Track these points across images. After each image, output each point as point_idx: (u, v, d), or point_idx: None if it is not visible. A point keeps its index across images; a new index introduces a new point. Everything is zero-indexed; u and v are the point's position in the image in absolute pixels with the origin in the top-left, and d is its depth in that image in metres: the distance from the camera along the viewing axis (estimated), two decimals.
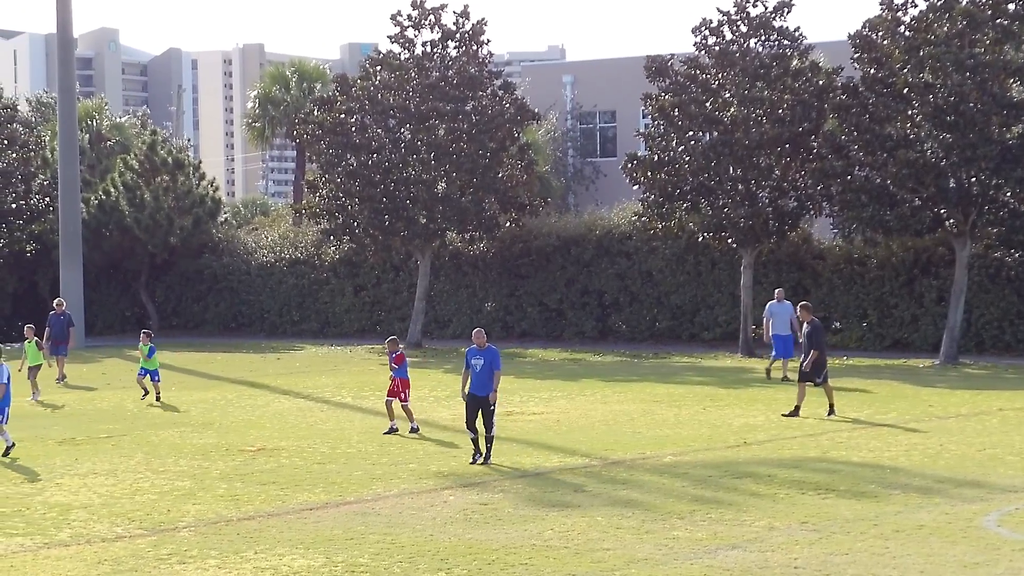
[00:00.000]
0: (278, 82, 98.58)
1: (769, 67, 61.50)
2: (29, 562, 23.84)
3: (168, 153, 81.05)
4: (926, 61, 57.11)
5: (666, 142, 62.88)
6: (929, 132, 57.32)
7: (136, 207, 77.82)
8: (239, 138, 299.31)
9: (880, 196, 58.24)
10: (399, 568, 22.88)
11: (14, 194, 78.97)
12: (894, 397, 45.81)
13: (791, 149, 61.28)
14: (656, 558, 23.41)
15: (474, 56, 69.16)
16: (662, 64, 63.28)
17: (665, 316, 67.18)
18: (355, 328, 74.50)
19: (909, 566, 22.62)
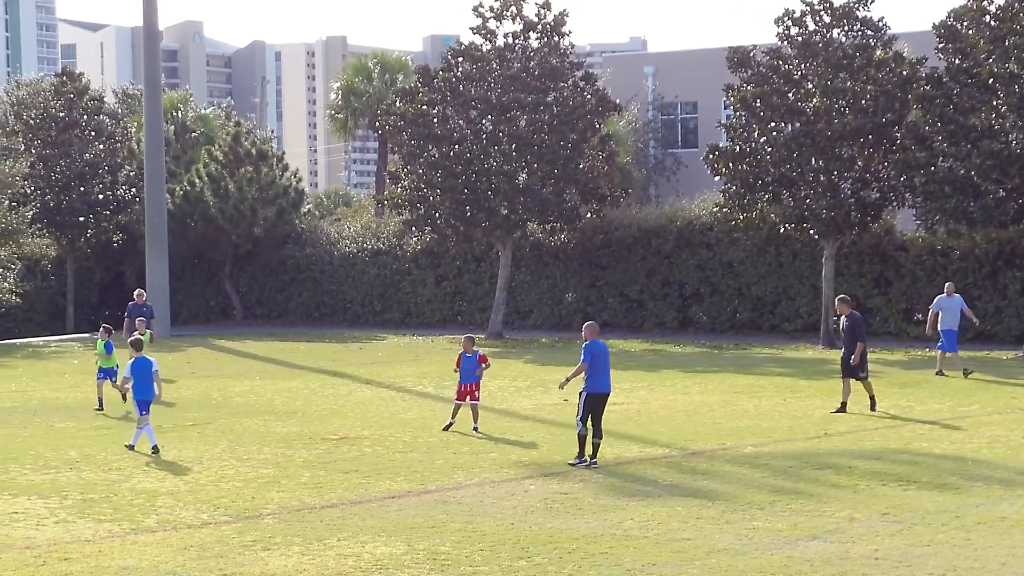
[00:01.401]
0: (361, 74, 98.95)
1: (852, 57, 61.26)
2: (117, 547, 24.04)
3: (252, 144, 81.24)
4: (1011, 51, 56.87)
5: (748, 133, 62.73)
6: (1014, 123, 57.08)
7: (220, 198, 78.10)
8: (322, 129, 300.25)
9: (964, 187, 58.01)
10: (480, 556, 22.97)
11: (101, 185, 79.40)
12: (977, 389, 45.62)
13: (874, 140, 61.09)
14: (736, 548, 23.44)
15: (556, 47, 69.16)
16: (744, 55, 63.14)
17: (746, 307, 67.07)
18: (436, 318, 74.61)
19: (991, 558, 22.57)
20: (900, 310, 63.67)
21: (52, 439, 36.79)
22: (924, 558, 22.53)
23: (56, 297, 79.16)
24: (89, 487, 29.42)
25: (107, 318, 76.59)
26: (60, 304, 78.99)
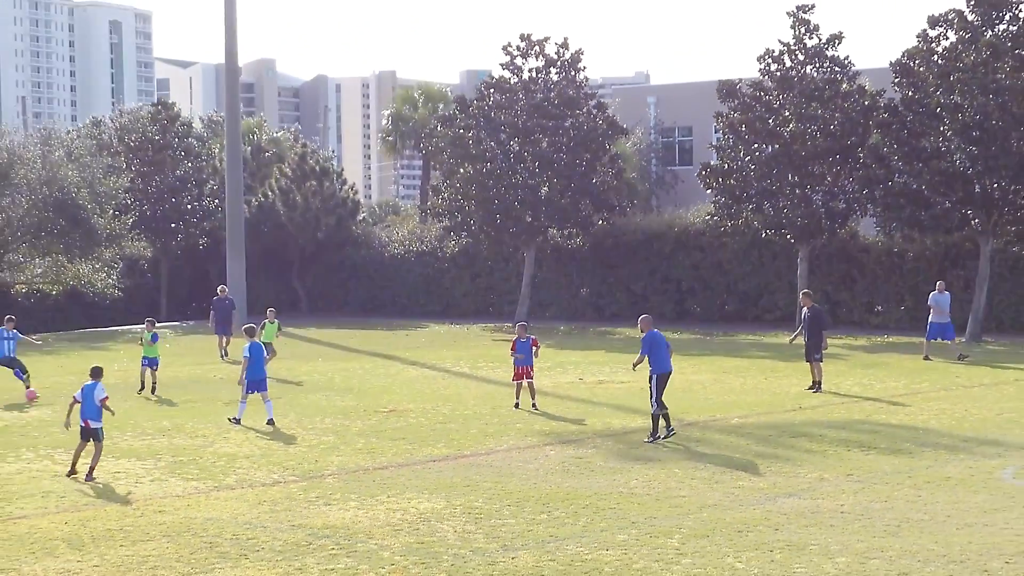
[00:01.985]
0: (407, 103, 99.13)
1: (822, 90, 61.23)
2: (202, 501, 24.14)
3: (316, 163, 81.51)
4: (956, 85, 56.84)
5: (734, 153, 62.78)
6: (958, 145, 56.99)
7: (289, 208, 78.36)
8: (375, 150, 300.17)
9: (916, 199, 58.01)
10: (508, 511, 23.01)
11: (189, 197, 79.58)
12: (927, 370, 45.58)
13: (840, 159, 61.09)
14: (724, 504, 23.47)
15: (572, 80, 69.22)
16: (731, 87, 63.17)
17: (733, 300, 67.01)
18: (471, 310, 74.59)
19: (938, 511, 22.58)
20: (863, 303, 63.65)
21: (148, 411, 36.93)
22: (882, 511, 22.54)
23: (152, 291, 79.32)
24: (179, 451, 29.53)
25: (194, 310, 77.22)
26: (155, 297, 79.16)
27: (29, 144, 74.65)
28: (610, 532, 21.35)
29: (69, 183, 69.63)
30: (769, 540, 20.65)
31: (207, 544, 20.80)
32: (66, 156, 73.43)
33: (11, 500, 24.73)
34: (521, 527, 21.80)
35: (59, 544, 21.06)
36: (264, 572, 19.08)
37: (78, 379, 41.86)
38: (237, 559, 19.85)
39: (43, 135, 77.09)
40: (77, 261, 72.89)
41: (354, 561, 19.59)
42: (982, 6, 57.39)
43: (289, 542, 20.82)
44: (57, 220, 69.29)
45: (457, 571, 19.02)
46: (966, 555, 19.56)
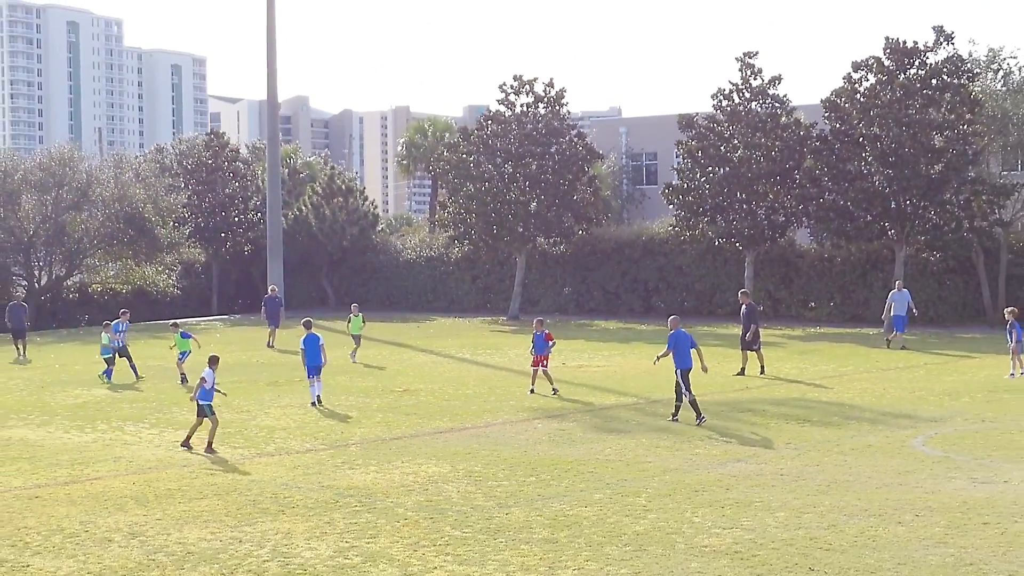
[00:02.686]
0: (419, 132, 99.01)
1: (765, 122, 61.24)
2: (246, 466, 24.14)
3: (342, 183, 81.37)
4: (875, 119, 56.97)
5: (692, 175, 62.77)
6: (877, 169, 57.10)
7: (320, 220, 78.27)
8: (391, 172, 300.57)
9: (843, 214, 58.13)
10: (503, 474, 23.00)
11: (236, 211, 79.51)
12: (852, 355, 45.59)
13: (780, 180, 61.09)
14: (684, 468, 23.45)
15: (557, 114, 69.13)
16: (690, 120, 63.18)
17: (691, 298, 66.94)
18: (472, 305, 74.50)
19: (861, 473, 22.58)
20: (799, 300, 63.62)
21: None
22: (814, 474, 22.54)
23: (204, 290, 79.21)
24: (226, 424, 29.46)
25: (240, 305, 77.14)
26: (207, 295, 79.04)
27: (104, 167, 75.01)
28: (588, 492, 21.34)
29: (137, 200, 69.89)
30: (721, 498, 20.64)
31: (251, 501, 20.80)
32: (134, 177, 73.63)
33: (88, 464, 24.72)
34: (513, 487, 21.79)
35: (128, 501, 21.06)
36: (298, 525, 19.07)
37: (143, 363, 41.91)
38: (276, 514, 19.85)
39: (115, 160, 77.23)
40: (143, 264, 73.44)
41: (373, 516, 19.59)
42: (896, 54, 57.57)
43: (319, 500, 20.81)
44: (127, 230, 69.76)
45: (460, 524, 19.01)
46: (884, 510, 19.57)
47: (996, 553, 16.98)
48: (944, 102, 56.79)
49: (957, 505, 19.90)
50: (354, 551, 17.51)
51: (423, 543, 17.90)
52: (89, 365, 43.42)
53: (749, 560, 16.81)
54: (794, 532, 18.27)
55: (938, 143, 56.39)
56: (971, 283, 59.41)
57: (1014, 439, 26.43)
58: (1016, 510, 19.50)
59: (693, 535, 18.19)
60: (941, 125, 56.33)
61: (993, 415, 30.10)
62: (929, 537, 17.87)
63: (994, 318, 56.90)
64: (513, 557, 17.11)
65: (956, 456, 24.38)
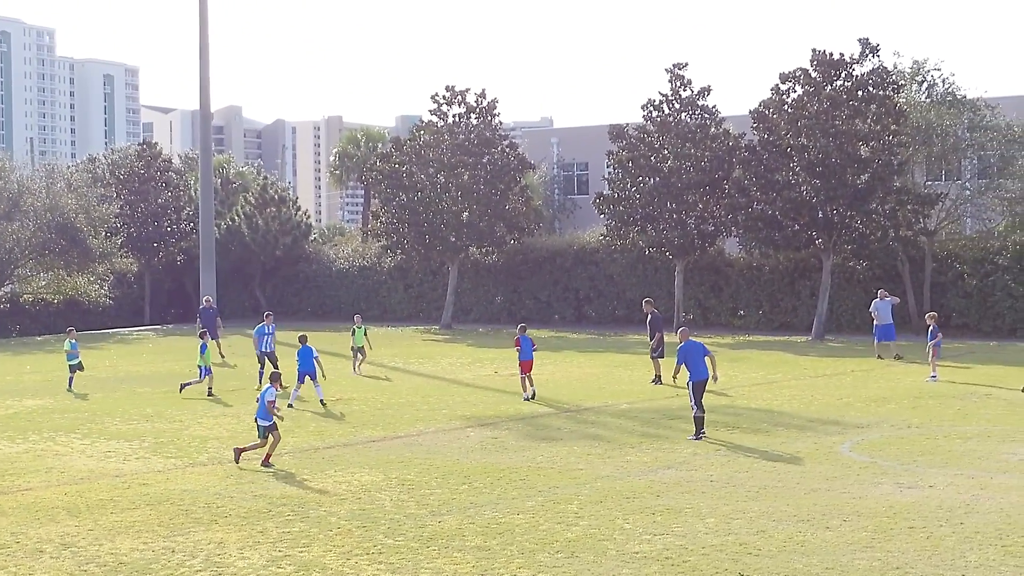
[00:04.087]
0: (351, 142, 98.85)
1: (695, 132, 61.52)
2: (179, 475, 23.98)
3: (275, 192, 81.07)
4: (803, 130, 57.26)
5: (623, 184, 62.93)
6: (805, 179, 57.40)
7: (252, 230, 77.94)
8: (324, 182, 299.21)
9: (771, 223, 58.42)
10: (435, 482, 22.97)
11: (168, 221, 79.05)
12: (780, 363, 45.85)
13: (710, 190, 61.36)
14: (615, 475, 23.51)
15: (489, 124, 69.15)
16: (620, 130, 63.39)
17: (622, 306, 67.10)
18: (405, 314, 74.39)
19: (789, 480, 22.72)
20: (728, 308, 63.93)
21: (134, 400, 36.62)
22: (744, 480, 22.66)
23: (137, 300, 78.66)
24: (160, 434, 29.31)
25: (172, 315, 76.63)
26: (139, 305, 78.51)
27: (36, 177, 74.61)
28: (520, 499, 21.35)
29: (69, 210, 69.33)
30: (652, 505, 20.70)
31: (183, 511, 20.66)
32: (66, 187, 73.11)
33: (19, 475, 24.49)
34: (446, 496, 21.76)
35: (60, 512, 20.87)
36: (231, 534, 18.96)
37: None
38: (209, 523, 19.73)
39: (47, 170, 76.77)
40: (75, 275, 72.76)
41: (307, 525, 19.51)
42: (823, 65, 57.92)
43: (252, 509, 20.71)
44: (58, 241, 69.17)
45: (393, 532, 18.97)
46: (812, 515, 19.69)
47: (922, 557, 17.13)
48: (870, 113, 57.26)
49: (884, 510, 20.05)
50: (287, 560, 17.44)
51: (356, 552, 17.85)
52: (21, 376, 42.97)
53: (680, 566, 16.87)
54: (724, 538, 18.35)
55: (864, 153, 56.86)
56: (896, 291, 59.77)
57: (939, 444, 26.68)
58: (941, 514, 19.68)
59: (624, 541, 18.23)
60: (867, 136, 56.81)
61: (919, 421, 30.36)
62: (856, 542, 18.00)
63: (919, 325, 57.38)
64: (446, 565, 17.09)
65: (883, 461, 24.57)
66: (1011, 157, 58.91)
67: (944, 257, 59.18)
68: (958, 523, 19.10)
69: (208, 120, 73.28)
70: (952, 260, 58.91)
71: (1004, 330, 56.34)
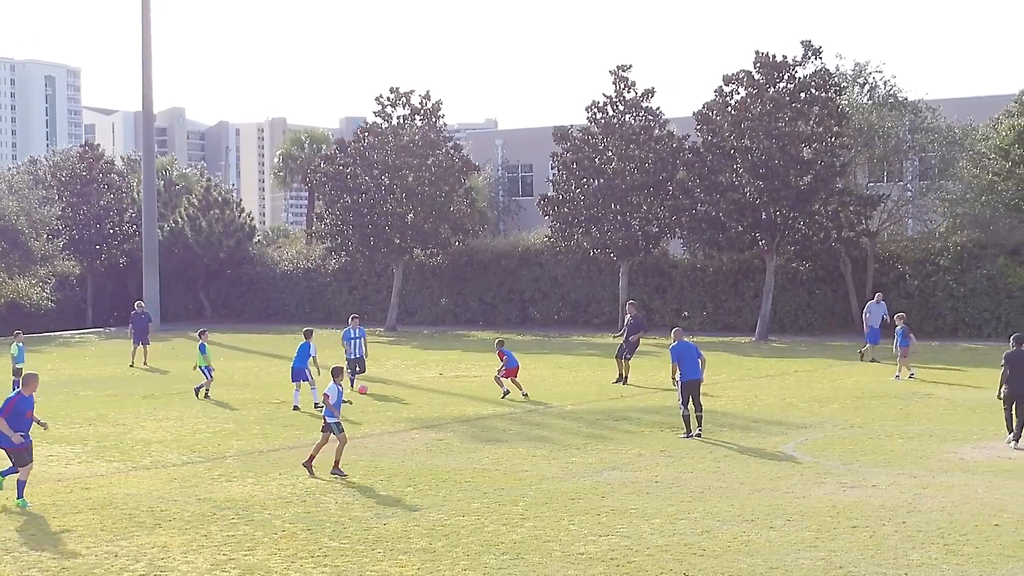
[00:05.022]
0: (296, 144, 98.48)
1: (639, 134, 61.73)
2: (122, 480, 23.80)
3: (218, 195, 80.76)
4: (746, 132, 57.55)
5: (567, 186, 63.08)
6: (748, 181, 57.70)
7: (196, 232, 77.57)
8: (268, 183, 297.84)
9: (715, 224, 58.69)
10: (380, 485, 22.92)
11: (111, 223, 78.60)
12: (724, 364, 45.99)
13: (654, 192, 61.55)
14: (560, 476, 23.52)
15: (433, 126, 69.14)
16: (564, 132, 63.54)
17: (567, 308, 67.26)
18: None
19: (734, 480, 22.81)
20: (672, 309, 64.13)
21: (76, 403, 36.33)
22: (689, 480, 22.73)
23: (79, 303, 78.21)
24: (102, 437, 29.11)
25: (115, 319, 76.12)
26: (82, 308, 78.07)
27: None
28: (465, 501, 21.32)
29: (9, 212, 68.89)
30: (597, 506, 20.73)
31: (126, 515, 20.52)
32: (7, 189, 72.63)
33: None
34: (391, 498, 21.72)
35: (0, 516, 20.66)
36: (175, 538, 18.84)
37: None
38: (152, 528, 19.60)
39: None
40: (16, 277, 72.16)
41: (251, 528, 19.42)
42: (766, 68, 58.24)
43: (196, 513, 20.58)
44: None
45: (338, 535, 18.91)
46: (756, 515, 19.78)
47: (865, 556, 17.23)
48: (812, 115, 57.59)
49: (827, 509, 20.16)
50: (231, 564, 17.35)
51: (301, 555, 17.77)
52: None
53: (625, 567, 16.90)
54: (669, 538, 18.40)
55: (807, 155, 57.19)
56: (839, 292, 60.30)
57: (881, 444, 26.86)
58: (884, 514, 19.81)
59: (570, 543, 18.24)
60: (810, 138, 57.13)
61: (861, 421, 30.56)
62: (800, 541, 18.09)
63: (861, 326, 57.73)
64: (391, 568, 17.05)
65: (826, 461, 24.71)
66: (952, 159, 59.41)
67: (886, 258, 59.63)
68: (900, 522, 19.23)
69: (151, 122, 72.96)
70: (894, 261, 59.37)
71: (945, 330, 56.80)
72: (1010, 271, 55.83)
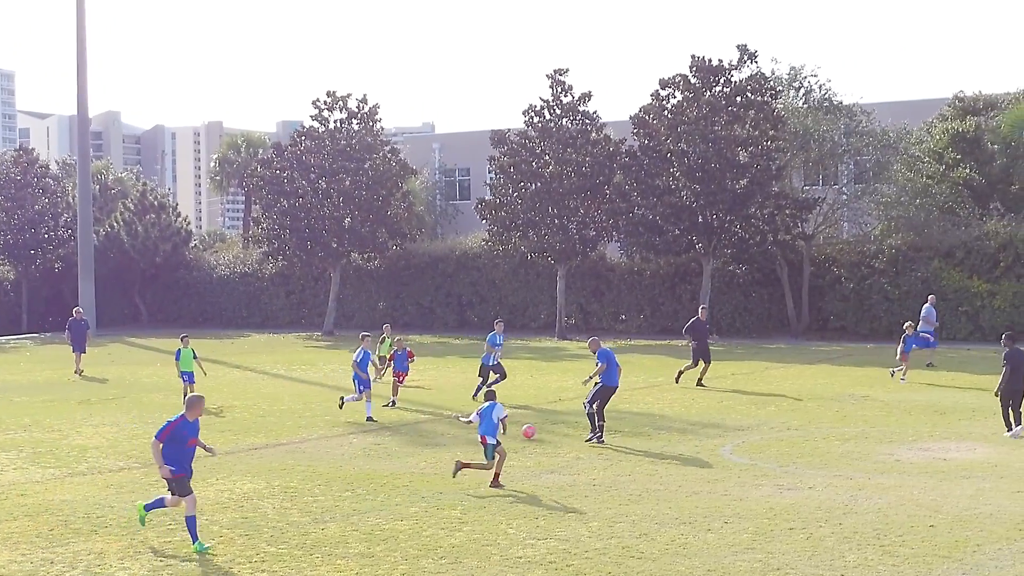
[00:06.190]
0: (232, 148, 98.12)
1: (576, 138, 61.82)
2: (58, 485, 23.60)
3: (154, 199, 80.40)
4: (682, 135, 57.84)
5: (504, 190, 63.06)
6: (685, 184, 57.97)
7: (132, 236, 77.16)
8: (205, 187, 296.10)
9: (652, 228, 58.91)
10: (319, 489, 22.84)
11: (46, 228, 78.12)
12: (661, 367, 46.11)
13: (591, 195, 61.67)
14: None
15: (370, 129, 69.07)
16: (502, 135, 63.52)
17: (504, 311, 67.25)
18: (286, 321, 74.04)
19: (671, 483, 22.89)
20: (610, 312, 64.33)
21: (11, 409, 36.00)
22: (626, 483, 22.79)
23: (14, 308, 77.66)
24: (38, 443, 28.86)
25: (50, 323, 75.50)
26: (17, 313, 77.51)
27: None
28: (404, 506, 21.29)
29: None
30: (535, 509, 20.75)
31: (63, 522, 20.35)
32: None
33: None
34: (329, 503, 21.65)
35: None
36: (112, 544, 18.71)
37: None
38: (89, 534, 19.45)
39: None
40: None
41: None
42: (702, 72, 58.54)
43: (133, 519, 20.43)
44: None
45: (276, 541, 18.84)
46: (694, 517, 19.85)
47: (802, 557, 17.33)
48: (748, 119, 57.93)
49: (764, 511, 20.27)
50: (168, 570, 17.25)
51: (239, 560, 17.69)
52: None
53: (564, 570, 16.92)
54: (607, 541, 18.44)
55: (743, 159, 57.54)
56: (776, 295, 60.65)
57: (818, 446, 27.03)
58: (820, 515, 19.93)
59: (508, 547, 18.25)
60: (746, 141, 57.47)
61: (798, 423, 30.75)
62: (738, 543, 18.18)
63: (797, 328, 58.29)
64: (329, 573, 17.00)
65: (763, 464, 24.85)
66: (886, 162, 59.93)
67: (822, 261, 60.03)
68: (837, 523, 19.36)
69: (86, 125, 72.46)
70: (830, 264, 59.79)
71: (881, 332, 57.21)
72: (944, 273, 56.33)
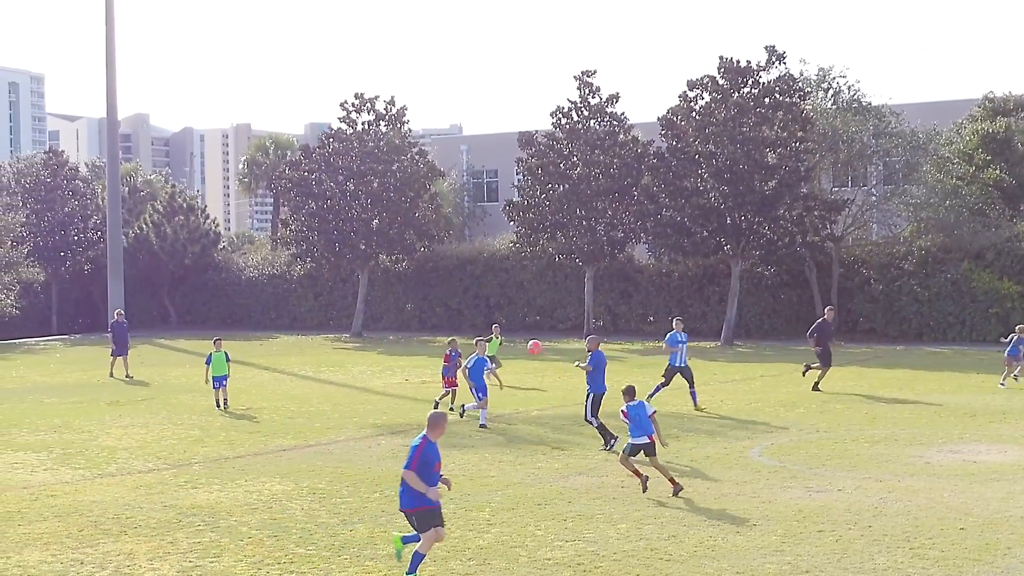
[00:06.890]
0: (260, 150, 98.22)
1: (604, 140, 61.83)
2: (88, 487, 23.66)
3: (183, 201, 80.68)
4: (710, 137, 57.75)
5: (532, 192, 63.12)
6: (713, 186, 57.87)
7: (161, 238, 77.44)
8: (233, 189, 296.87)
9: (680, 229, 58.80)
10: (347, 491, 22.84)
11: (75, 230, 78.46)
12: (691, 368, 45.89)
13: (619, 197, 61.68)
14: (527, 482, 23.49)
15: (398, 131, 69.15)
16: (530, 137, 63.55)
17: (532, 313, 67.29)
18: (314, 323, 74.16)
19: (699, 485, 22.81)
20: (638, 314, 64.27)
21: (42, 411, 36.13)
22: (654, 485, 22.69)
23: (44, 309, 77.95)
24: (68, 444, 28.94)
25: (80, 325, 75.79)
26: (47, 315, 77.79)
27: None
28: None
29: None
30: (564, 511, 20.71)
31: (92, 523, 20.40)
32: None
33: None
34: (357, 504, 21.65)
35: None
36: (141, 545, 18.74)
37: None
38: (118, 535, 19.49)
39: None
40: None
41: (217, 535, 19.33)
42: (730, 73, 58.43)
43: (162, 520, 20.48)
44: None
45: (304, 542, 18.84)
46: (722, 520, 19.79)
47: (831, 560, 17.25)
48: (777, 120, 57.80)
49: (793, 514, 20.19)
50: (197, 571, 17.27)
51: (267, 562, 17.70)
52: None
53: (592, 572, 16.88)
54: (635, 543, 18.39)
55: (771, 160, 57.41)
56: (804, 296, 60.48)
57: (847, 448, 26.92)
58: (849, 517, 19.85)
59: (536, 548, 18.21)
60: (774, 142, 57.34)
61: (827, 425, 30.63)
62: (767, 546, 18.10)
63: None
64: (358, 574, 16.99)
65: (792, 466, 24.75)
66: (916, 163, 59.73)
67: (851, 262, 59.86)
68: (866, 526, 19.27)
69: (115, 127, 72.64)
70: (859, 265, 59.61)
71: (910, 334, 57.02)
72: (974, 275, 56.10)
